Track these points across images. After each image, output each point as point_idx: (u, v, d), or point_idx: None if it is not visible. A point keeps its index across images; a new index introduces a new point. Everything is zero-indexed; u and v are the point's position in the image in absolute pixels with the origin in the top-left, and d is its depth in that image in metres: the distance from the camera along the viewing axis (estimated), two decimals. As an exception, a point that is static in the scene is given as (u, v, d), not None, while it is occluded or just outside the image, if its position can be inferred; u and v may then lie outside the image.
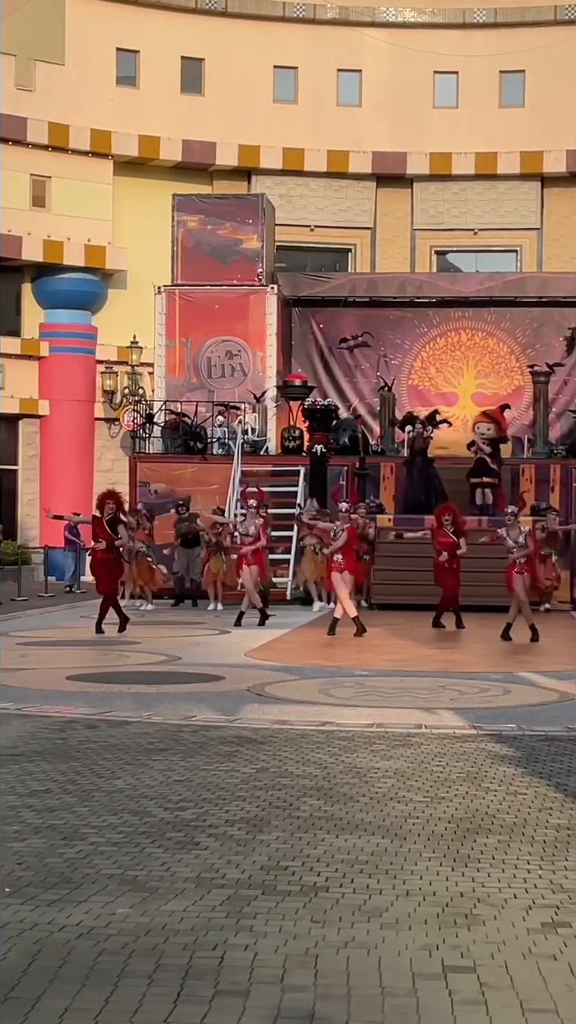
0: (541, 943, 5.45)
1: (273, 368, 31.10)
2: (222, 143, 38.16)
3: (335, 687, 13.76)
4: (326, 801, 8.06)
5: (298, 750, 9.84)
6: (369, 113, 39.09)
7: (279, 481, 27.97)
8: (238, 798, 8.14)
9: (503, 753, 9.84)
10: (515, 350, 33.90)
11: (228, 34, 38.31)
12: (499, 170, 38.81)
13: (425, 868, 6.57)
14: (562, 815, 7.77)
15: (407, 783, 8.62)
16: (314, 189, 39.24)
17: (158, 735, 10.50)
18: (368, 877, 6.40)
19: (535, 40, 38.12)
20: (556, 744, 10.30)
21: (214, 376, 31.02)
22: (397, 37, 38.74)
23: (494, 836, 7.24)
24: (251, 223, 31.91)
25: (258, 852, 6.86)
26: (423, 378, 34.00)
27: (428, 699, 12.78)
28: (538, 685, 14.18)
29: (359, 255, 39.50)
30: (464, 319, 34.19)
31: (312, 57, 38.88)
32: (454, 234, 39.53)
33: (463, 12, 39.03)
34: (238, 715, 11.60)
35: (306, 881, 6.33)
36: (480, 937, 5.51)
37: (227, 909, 5.86)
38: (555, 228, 38.96)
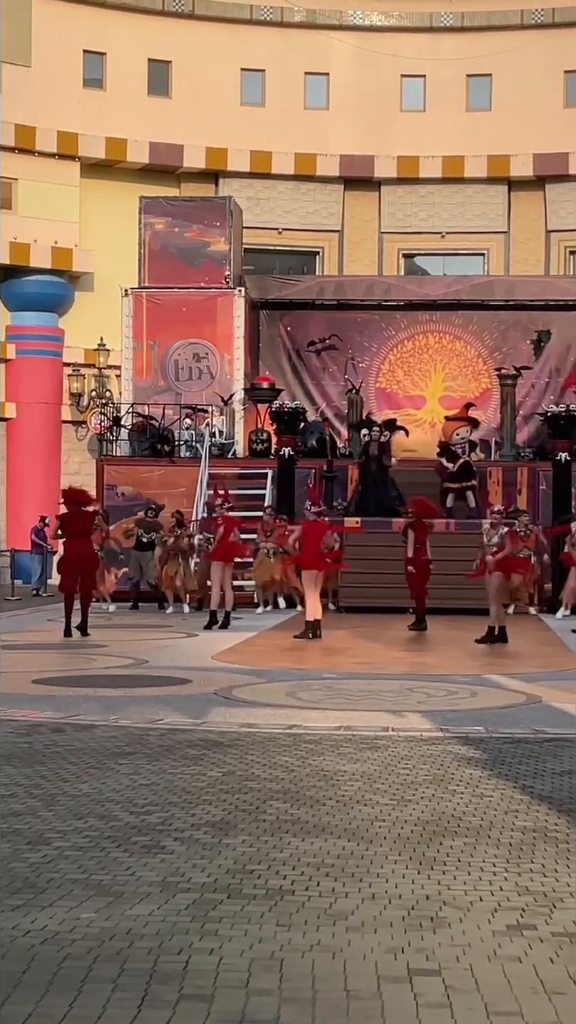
0: (507, 945, 5.45)
1: (241, 371, 31.10)
2: (189, 145, 38.13)
3: (303, 690, 13.75)
4: (292, 804, 8.04)
5: (265, 753, 9.83)
6: (337, 116, 39.12)
7: (247, 484, 27.96)
8: (204, 802, 8.12)
9: (470, 755, 9.85)
10: (482, 353, 33.96)
11: (195, 36, 38.30)
12: (466, 173, 38.90)
13: (391, 871, 6.56)
14: (528, 817, 7.78)
15: (373, 786, 8.61)
16: (282, 192, 39.25)
17: (124, 739, 10.48)
18: (334, 880, 6.39)
19: (502, 44, 38.23)
20: (523, 746, 10.31)
21: (181, 379, 30.99)
22: (364, 40, 38.79)
23: (460, 839, 7.24)
24: (218, 226, 31.90)
25: (224, 856, 6.84)
26: (391, 381, 34.03)
27: (395, 702, 12.78)
28: (505, 687, 14.21)
29: (327, 258, 39.53)
30: (432, 322, 34.24)
31: (279, 60, 38.90)
32: (421, 237, 39.59)
33: (430, 16, 39.12)
34: (205, 718, 11.57)
35: (272, 885, 6.31)
36: (445, 940, 5.50)
37: (192, 913, 5.85)
38: (522, 231, 39.08)
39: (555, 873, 6.58)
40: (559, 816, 7.82)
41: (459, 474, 27.88)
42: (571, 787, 8.71)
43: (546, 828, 7.52)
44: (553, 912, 5.93)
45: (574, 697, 13.27)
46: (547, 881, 6.43)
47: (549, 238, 39.09)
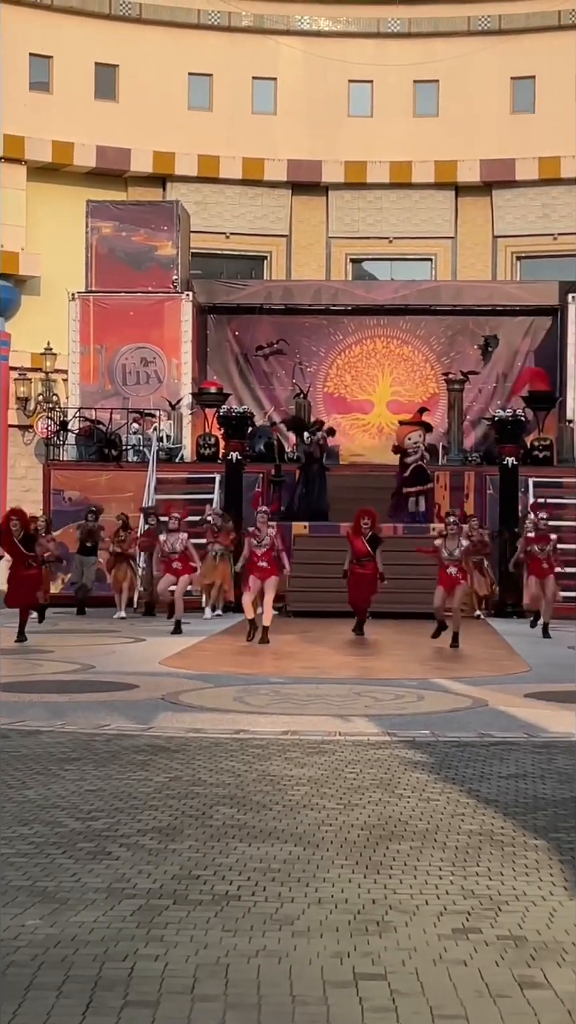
0: (452, 949, 5.45)
1: (188, 375, 31.08)
2: (136, 149, 38.07)
3: (250, 695, 13.73)
4: (239, 809, 8.03)
5: (212, 758, 9.81)
6: (284, 121, 39.15)
7: (194, 488, 27.96)
8: (150, 807, 8.09)
9: (416, 759, 9.86)
10: (430, 358, 34.06)
11: (142, 40, 38.24)
12: (414, 179, 39.00)
13: (337, 875, 6.56)
14: (474, 821, 7.80)
15: (320, 790, 8.61)
16: (229, 196, 39.24)
17: (71, 744, 10.43)
18: (280, 885, 6.38)
19: (449, 50, 38.37)
20: (469, 750, 10.34)
21: (129, 383, 30.93)
22: (312, 46, 38.86)
23: (406, 843, 7.24)
24: (166, 230, 31.87)
25: (170, 862, 6.82)
26: (338, 385, 34.09)
27: (343, 706, 12.79)
28: (452, 691, 14.24)
29: (274, 262, 39.54)
30: (379, 327, 34.32)
31: (227, 64, 38.89)
32: (369, 242, 39.66)
33: (377, 22, 39.22)
34: (152, 724, 11.54)
35: (218, 890, 6.30)
36: (391, 944, 5.51)
37: (138, 919, 5.82)
38: (469, 237, 39.22)
39: (501, 876, 6.59)
40: (505, 820, 7.85)
41: (412, 478, 27.94)
42: (517, 791, 8.74)
43: (492, 832, 7.54)
44: (499, 915, 5.94)
45: (520, 701, 13.33)
46: (493, 884, 6.45)
47: (496, 243, 39.24)
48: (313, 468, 28.00)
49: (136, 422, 29.82)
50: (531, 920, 5.88)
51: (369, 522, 21.36)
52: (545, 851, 7.12)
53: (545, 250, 38.73)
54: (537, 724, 11.74)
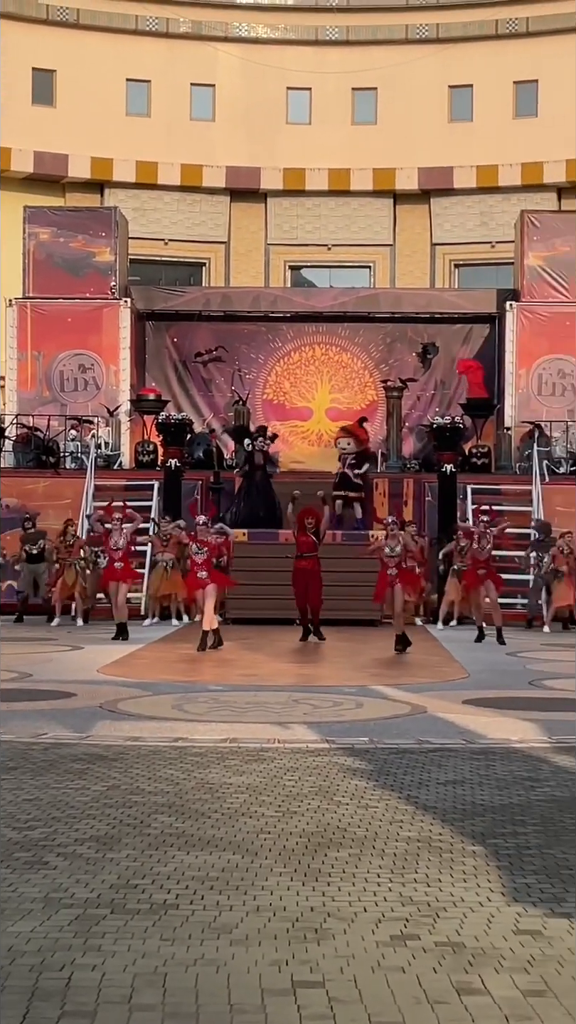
0: (390, 956, 5.46)
1: (127, 382, 30.99)
2: (74, 155, 38.01)
3: (189, 703, 13.69)
4: (177, 818, 8.01)
5: (150, 767, 9.78)
6: (223, 128, 39.21)
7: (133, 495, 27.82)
8: (88, 816, 8.05)
9: (355, 767, 9.87)
10: (368, 365, 34.14)
11: (80, 46, 38.18)
12: (352, 186, 39.16)
13: (276, 883, 6.55)
14: (412, 828, 7.81)
15: (259, 798, 8.60)
16: (168, 203, 39.25)
17: (7, 753, 10.36)
18: (219, 894, 6.37)
19: (387, 58, 38.56)
20: (408, 756, 10.35)
21: (67, 390, 30.81)
22: (250, 53, 38.93)
23: (345, 850, 7.25)
24: (104, 236, 31.77)
25: (108, 871, 6.79)
26: (277, 392, 34.10)
27: (281, 713, 12.78)
28: (391, 698, 14.26)
29: (213, 269, 39.57)
30: (318, 334, 34.35)
31: (165, 71, 38.91)
32: (308, 249, 39.78)
33: (316, 29, 39.36)
34: (90, 732, 11.48)
35: (156, 899, 6.28)
36: (329, 951, 5.50)
37: (75, 929, 5.79)
38: (407, 244, 39.41)
39: (439, 883, 6.61)
40: (443, 826, 7.87)
41: (337, 483, 28.00)
42: (455, 797, 8.76)
43: (430, 838, 7.56)
44: (436, 922, 5.96)
45: (459, 707, 13.37)
46: (431, 891, 6.46)
47: (434, 251, 39.48)
48: (256, 475, 27.96)
49: (74, 429, 29.70)
50: (469, 926, 5.89)
51: (313, 521, 21.51)
52: (483, 857, 7.15)
53: (483, 258, 39.00)
54: (475, 730, 11.78)
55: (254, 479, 27.95)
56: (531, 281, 31.30)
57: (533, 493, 27.10)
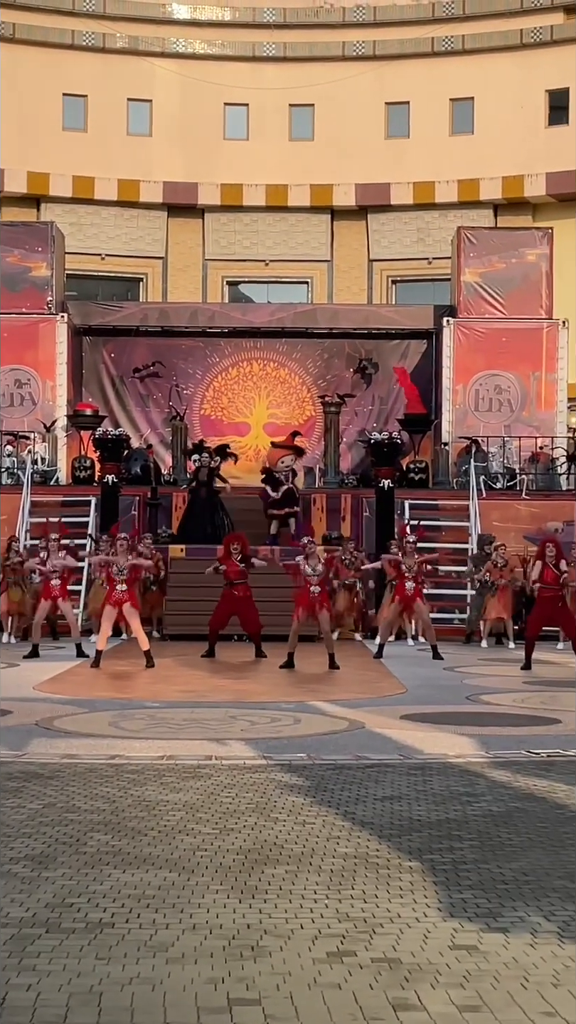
0: (327, 973, 5.45)
1: (63, 397, 30.88)
2: (10, 170, 37.89)
3: (125, 719, 13.63)
4: (114, 836, 7.97)
5: (86, 784, 9.73)
6: (160, 143, 39.23)
7: (70, 511, 27.71)
8: (23, 835, 8.00)
9: (292, 783, 9.86)
10: (306, 381, 34.21)
11: (16, 60, 38.09)
12: (290, 202, 39.28)
13: (212, 901, 6.53)
14: (349, 844, 7.81)
15: (196, 815, 8.57)
16: (105, 218, 39.21)
17: (-57, 771, 10.28)
18: (155, 912, 6.34)
19: (324, 75, 38.71)
20: (345, 772, 10.36)
21: (3, 405, 30.65)
22: (187, 68, 38.99)
23: (282, 866, 7.24)
24: (40, 251, 31.67)
25: (43, 890, 6.74)
26: (215, 408, 34.10)
27: (219, 730, 12.75)
28: (328, 714, 14.26)
29: (151, 284, 39.55)
30: (256, 349, 34.40)
31: (102, 85, 38.89)
32: (246, 265, 39.85)
33: (253, 45, 39.46)
34: (25, 750, 11.41)
35: (92, 918, 6.24)
36: (266, 969, 5.49)
37: (10, 949, 5.75)
38: (345, 260, 39.56)
39: (376, 899, 6.61)
40: (380, 842, 7.87)
41: (282, 500, 28.00)
42: (392, 812, 8.77)
43: (367, 854, 7.56)
44: (373, 938, 5.96)
45: (396, 723, 13.39)
46: (368, 907, 6.46)
47: (371, 267, 39.64)
48: (202, 491, 27.93)
49: (10, 444, 29.55)
50: (405, 942, 5.90)
51: (238, 547, 21.41)
52: (419, 873, 7.16)
53: (420, 274, 39.19)
54: (412, 746, 11.80)
55: (199, 495, 27.93)
56: (468, 297, 31.48)
57: (470, 508, 27.22)
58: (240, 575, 21.20)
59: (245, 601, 21.29)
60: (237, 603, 21.28)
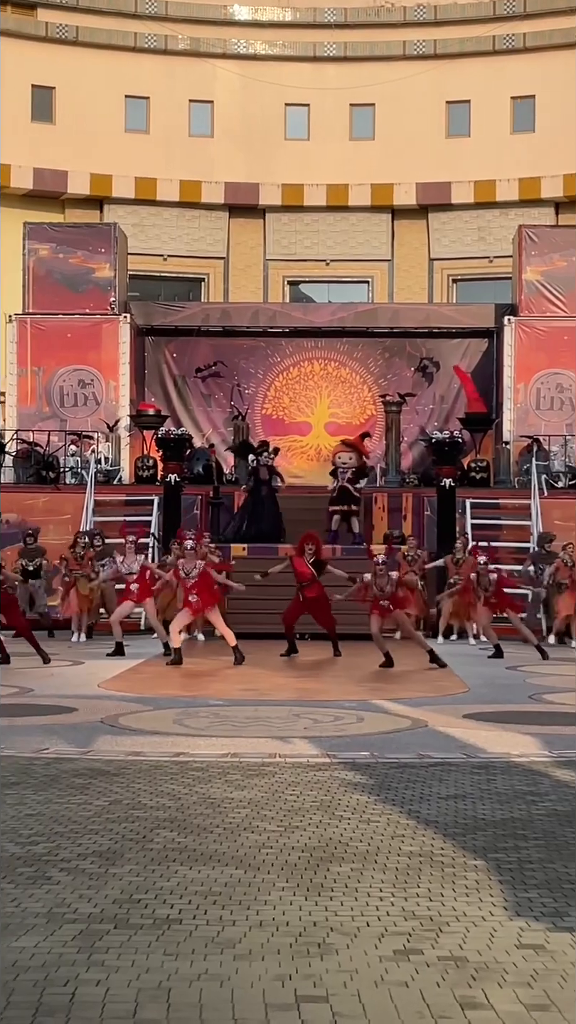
0: (393, 971, 5.47)
1: (126, 397, 31.04)
2: (74, 172, 38.08)
3: (189, 717, 13.69)
4: (179, 833, 8.01)
5: (151, 781, 9.78)
6: (221, 144, 39.30)
7: (133, 511, 27.86)
8: (91, 831, 8.06)
9: (356, 781, 9.88)
10: (367, 380, 34.20)
11: (79, 63, 38.27)
12: (350, 202, 39.24)
13: (278, 898, 6.56)
14: (414, 842, 7.82)
15: (261, 813, 8.61)
16: (167, 219, 39.32)
17: (9, 769, 10.36)
18: (221, 908, 6.38)
19: (384, 74, 38.64)
20: (408, 771, 10.36)
21: (67, 405, 30.85)
22: (249, 69, 39.04)
23: (347, 864, 7.26)
24: (103, 252, 31.84)
25: (111, 886, 6.80)
26: (276, 407, 34.15)
27: (282, 728, 12.78)
28: (391, 712, 14.26)
29: (212, 285, 39.63)
30: (317, 349, 34.42)
31: (164, 87, 39.00)
32: (306, 264, 39.85)
33: (314, 46, 39.46)
34: (91, 747, 11.49)
35: (159, 914, 6.29)
36: (333, 966, 5.51)
37: (79, 944, 5.80)
38: (405, 259, 39.48)
39: (441, 897, 6.62)
40: (445, 840, 7.88)
41: (337, 497, 27.99)
42: (457, 811, 8.77)
43: (432, 852, 7.57)
44: (439, 936, 5.97)
45: (459, 721, 13.38)
46: (433, 905, 6.47)
47: (432, 266, 39.54)
48: (262, 490, 27.96)
49: (74, 444, 29.74)
50: (471, 941, 5.90)
51: (313, 548, 21.40)
52: (485, 872, 7.16)
53: (481, 273, 39.05)
54: (475, 745, 11.79)
55: (259, 494, 27.96)
56: (529, 296, 31.36)
57: (532, 507, 27.13)
58: (311, 578, 21.21)
59: (317, 602, 21.29)
60: (309, 604, 21.32)
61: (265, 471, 28.02)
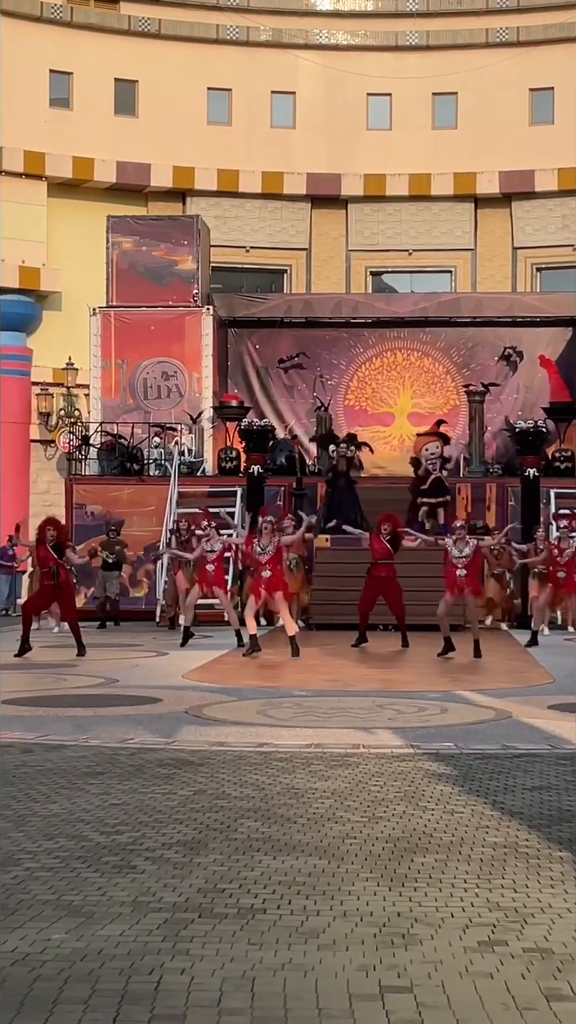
0: (478, 962, 5.44)
1: (209, 389, 31.15)
2: (156, 164, 38.21)
3: (273, 708, 13.72)
4: (263, 823, 8.03)
5: (235, 772, 9.81)
6: (303, 135, 39.25)
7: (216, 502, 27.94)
8: (175, 821, 8.09)
9: (440, 772, 9.85)
10: (450, 370, 34.08)
11: (161, 56, 38.39)
12: (433, 191, 39.06)
13: (362, 888, 6.55)
14: (499, 833, 7.78)
15: (344, 803, 8.60)
16: (249, 210, 39.34)
17: (95, 758, 10.44)
18: (305, 898, 6.37)
19: (467, 62, 38.43)
20: (493, 762, 10.32)
21: (150, 397, 31.00)
22: (330, 59, 38.97)
23: (431, 855, 7.23)
24: (186, 244, 31.95)
25: (195, 875, 6.82)
26: (359, 398, 34.12)
27: (366, 719, 12.77)
28: (475, 703, 14.21)
29: (294, 276, 39.62)
30: (399, 339, 34.34)
31: (246, 79, 39.02)
32: (389, 255, 39.73)
33: (395, 35, 39.31)
34: (175, 737, 11.54)
35: (243, 903, 6.30)
36: (417, 957, 5.50)
37: (163, 933, 5.82)
38: (488, 249, 39.25)
39: (526, 889, 6.58)
40: (530, 832, 7.83)
41: (432, 489, 27.90)
42: (542, 803, 8.72)
43: (517, 844, 7.53)
44: (524, 928, 5.93)
45: (544, 712, 13.30)
46: (518, 897, 6.43)
47: (516, 255, 39.28)
48: (340, 482, 27.95)
49: (157, 436, 29.89)
50: (557, 932, 5.86)
51: (389, 527, 21.36)
52: (570, 863, 7.10)
53: (565, 261, 38.74)
54: (561, 736, 11.72)
55: (337, 485, 27.95)
56: (614, 283, 31.09)
57: (616, 496, 26.92)
58: (386, 554, 21.19)
59: (389, 581, 21.23)
60: (381, 583, 21.23)
61: (343, 462, 28.01)
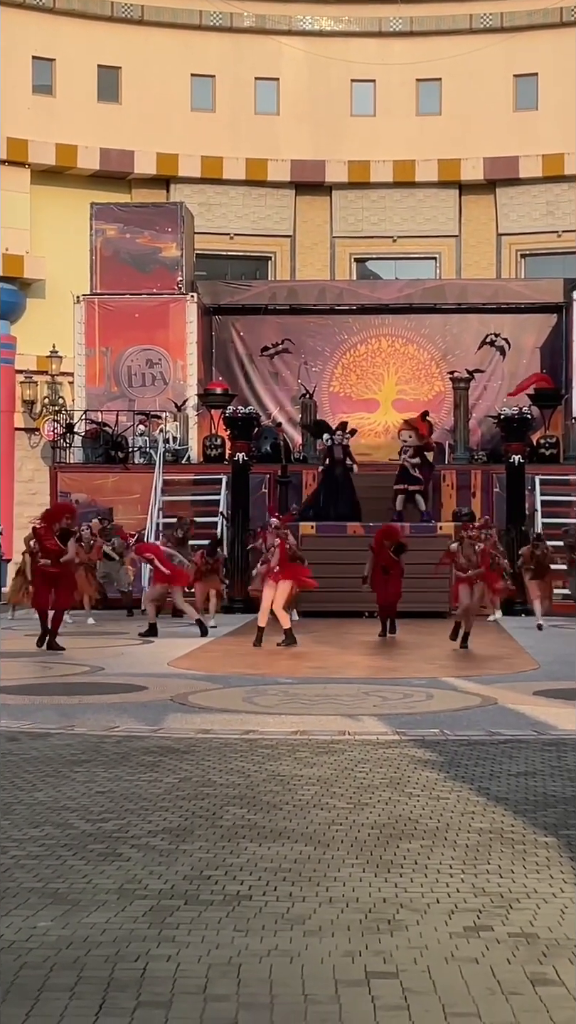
0: (463, 947, 5.45)
1: (194, 376, 31.11)
2: (140, 151, 38.10)
3: (258, 695, 13.74)
4: (249, 810, 8.04)
5: (221, 759, 9.82)
6: (287, 121, 39.17)
7: (201, 490, 27.97)
8: (161, 808, 8.10)
9: (426, 758, 9.86)
10: (435, 356, 34.08)
11: (145, 42, 38.27)
12: (417, 178, 39.00)
13: (348, 875, 6.56)
14: (484, 819, 7.80)
15: (330, 790, 8.61)
16: (233, 197, 39.26)
17: (80, 746, 10.44)
18: (291, 885, 6.38)
19: (451, 48, 38.36)
20: (478, 748, 10.34)
21: (135, 385, 30.97)
22: (314, 46, 38.88)
23: (417, 841, 7.25)
24: (170, 231, 31.90)
25: (181, 862, 6.83)
26: (344, 385, 34.11)
27: (351, 706, 12.79)
28: (461, 690, 14.24)
29: (279, 263, 39.56)
30: (384, 326, 34.33)
31: (229, 65, 38.91)
32: (373, 241, 39.68)
33: (379, 21, 39.22)
34: (161, 725, 11.55)
35: (229, 890, 6.30)
36: (403, 942, 5.51)
37: (149, 920, 5.83)
38: (473, 235, 39.23)
39: (511, 874, 6.60)
40: (515, 817, 7.85)
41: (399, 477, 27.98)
42: (527, 788, 8.74)
43: (502, 829, 7.55)
44: (510, 913, 5.95)
45: (529, 699, 13.34)
46: (503, 882, 6.45)
47: (500, 241, 39.25)
48: (336, 470, 27.96)
49: (142, 424, 29.87)
50: (542, 917, 5.88)
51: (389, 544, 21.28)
52: (555, 848, 7.13)
53: (549, 247, 38.73)
54: (546, 722, 11.75)
55: (334, 474, 27.96)
56: (599, 269, 31.11)
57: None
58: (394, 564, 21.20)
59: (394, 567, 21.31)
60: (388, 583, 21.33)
61: (340, 451, 28.04)
